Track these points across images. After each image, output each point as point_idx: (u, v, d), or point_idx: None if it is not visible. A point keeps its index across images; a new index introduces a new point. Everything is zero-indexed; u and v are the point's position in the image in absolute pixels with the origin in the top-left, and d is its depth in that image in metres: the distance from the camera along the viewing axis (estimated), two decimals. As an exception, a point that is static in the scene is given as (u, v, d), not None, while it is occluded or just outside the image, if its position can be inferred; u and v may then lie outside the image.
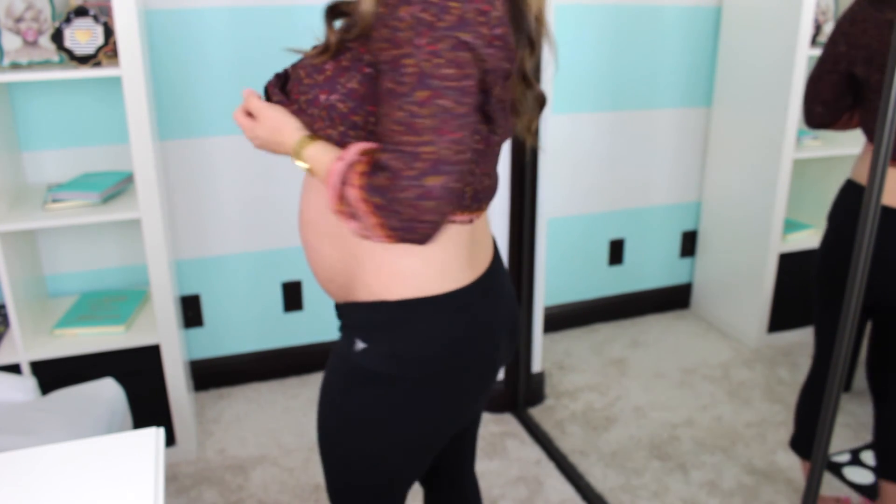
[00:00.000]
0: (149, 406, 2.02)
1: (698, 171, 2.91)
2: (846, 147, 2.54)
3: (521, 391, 2.32)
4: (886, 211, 1.42)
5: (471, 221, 0.95)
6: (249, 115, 0.96)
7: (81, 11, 1.83)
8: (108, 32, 1.84)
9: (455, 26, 0.77)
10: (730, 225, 2.79)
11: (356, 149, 0.83)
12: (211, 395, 2.44)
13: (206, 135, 2.24)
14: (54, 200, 1.88)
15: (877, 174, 1.17)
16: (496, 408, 2.33)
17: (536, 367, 2.37)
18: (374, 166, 0.80)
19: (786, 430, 2.22)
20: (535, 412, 2.33)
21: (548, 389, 2.46)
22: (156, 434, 1.00)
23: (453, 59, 0.77)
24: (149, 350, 1.98)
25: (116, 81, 2.03)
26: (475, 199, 0.94)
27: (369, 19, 0.81)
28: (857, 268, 1.23)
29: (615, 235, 2.88)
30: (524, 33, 0.88)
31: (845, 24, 1.50)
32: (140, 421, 1.87)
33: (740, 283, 2.75)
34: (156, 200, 1.85)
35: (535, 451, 2.13)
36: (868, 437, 2.15)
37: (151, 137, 1.82)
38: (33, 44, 1.90)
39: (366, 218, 0.80)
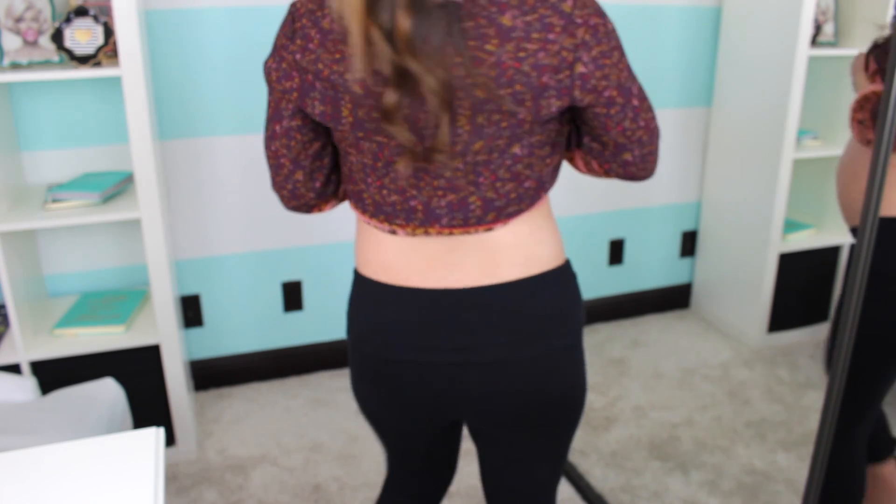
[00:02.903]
0: (149, 406, 2.02)
1: (698, 171, 2.91)
2: (846, 147, 2.53)
3: (521, 391, 2.32)
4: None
5: (392, 232, 0.98)
6: None
7: (81, 11, 1.83)
8: (108, 32, 1.84)
9: (271, 52, 0.95)
10: (730, 225, 2.79)
11: None
12: (211, 395, 2.44)
13: (206, 135, 2.25)
14: (54, 200, 1.88)
15: (877, 175, 1.17)
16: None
17: (536, 367, 2.37)
18: None
19: (786, 430, 2.22)
20: (535, 412, 2.33)
21: (548, 389, 2.46)
22: (156, 434, 1.00)
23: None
24: (149, 350, 1.98)
25: (116, 81, 2.03)
26: (379, 210, 0.97)
27: None
28: (857, 271, 1.23)
29: (615, 235, 2.88)
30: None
31: None
32: (140, 421, 1.88)
33: (740, 283, 2.75)
34: (156, 200, 1.85)
35: (534, 451, 2.13)
36: None
37: (151, 137, 1.82)
38: (33, 44, 1.90)
39: None
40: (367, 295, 1.03)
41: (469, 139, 0.88)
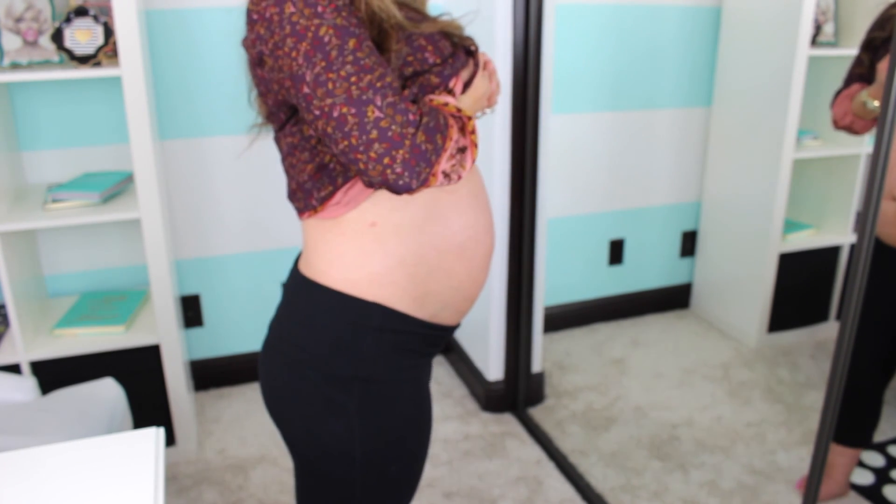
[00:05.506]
0: (149, 406, 2.02)
1: (698, 171, 2.91)
2: (846, 147, 2.54)
3: (521, 391, 2.32)
4: None
5: None
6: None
7: (81, 11, 1.83)
8: (108, 32, 1.84)
9: None
10: (730, 225, 2.79)
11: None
12: (211, 395, 2.44)
13: (205, 134, 2.25)
14: (54, 200, 1.88)
15: (876, 176, 1.17)
16: (496, 408, 2.33)
17: (536, 367, 2.37)
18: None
19: (786, 430, 2.22)
20: (535, 412, 2.33)
21: (548, 389, 2.46)
22: (156, 434, 1.00)
23: None
24: (149, 350, 1.98)
25: (116, 81, 2.03)
26: None
27: None
28: (857, 270, 1.23)
29: (615, 235, 2.88)
30: None
31: None
32: (140, 421, 1.88)
33: (740, 283, 2.75)
34: (156, 200, 1.85)
35: (535, 451, 2.14)
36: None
37: (151, 137, 1.82)
38: (33, 44, 1.90)
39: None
40: None
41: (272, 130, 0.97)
